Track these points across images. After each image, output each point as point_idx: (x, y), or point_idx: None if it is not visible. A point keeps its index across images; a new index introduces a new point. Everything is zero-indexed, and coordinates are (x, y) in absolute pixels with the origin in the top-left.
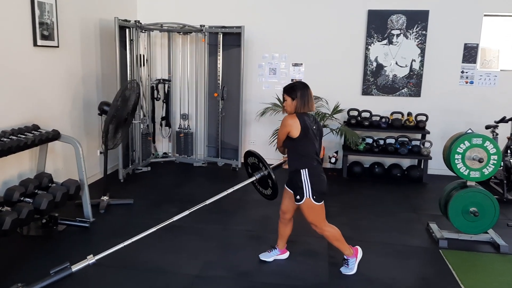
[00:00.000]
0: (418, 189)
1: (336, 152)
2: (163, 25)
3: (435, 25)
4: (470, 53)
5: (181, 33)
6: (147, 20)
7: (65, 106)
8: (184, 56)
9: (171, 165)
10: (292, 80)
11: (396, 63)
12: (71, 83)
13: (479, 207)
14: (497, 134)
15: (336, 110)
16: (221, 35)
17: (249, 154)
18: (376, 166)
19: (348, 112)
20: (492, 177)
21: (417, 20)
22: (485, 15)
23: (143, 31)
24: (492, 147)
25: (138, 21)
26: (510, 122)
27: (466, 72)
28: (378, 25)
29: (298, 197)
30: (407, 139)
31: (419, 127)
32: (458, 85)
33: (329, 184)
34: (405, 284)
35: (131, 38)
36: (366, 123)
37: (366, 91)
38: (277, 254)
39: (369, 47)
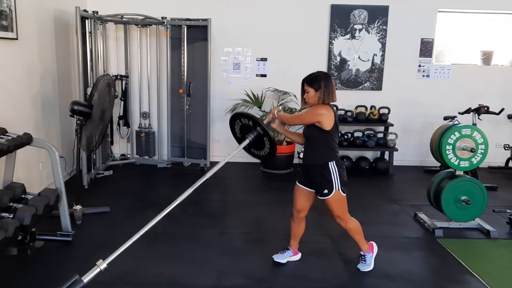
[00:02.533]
0: (388, 181)
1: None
2: (123, 16)
3: (395, 21)
4: (426, 48)
5: (140, 26)
6: (99, 11)
7: (24, 107)
8: (143, 50)
9: (133, 168)
10: (256, 75)
11: (359, 58)
12: (30, 81)
13: (470, 195)
14: None
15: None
16: (185, 28)
17: (236, 116)
18: (345, 160)
19: None
20: None
21: (378, 15)
22: (439, 11)
23: (101, 23)
24: (480, 137)
25: (96, 12)
26: (473, 113)
27: (423, 66)
28: (341, 19)
29: (326, 191)
30: (373, 132)
31: (382, 119)
32: (416, 79)
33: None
34: (423, 277)
35: (90, 30)
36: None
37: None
38: (290, 256)
39: (333, 41)
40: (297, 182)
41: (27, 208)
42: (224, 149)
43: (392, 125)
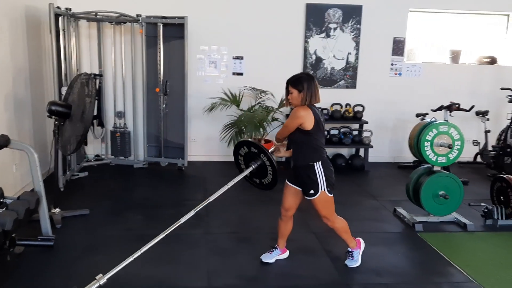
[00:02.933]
0: (364, 177)
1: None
2: (98, 14)
3: (368, 20)
4: (398, 47)
5: (114, 23)
6: (71, 8)
7: None
8: (117, 49)
9: (108, 169)
10: (233, 73)
11: (334, 56)
12: (1, 80)
13: (447, 190)
14: None
15: (283, 103)
16: (161, 26)
17: (242, 144)
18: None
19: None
20: None
21: (352, 14)
22: (410, 11)
23: (73, 20)
24: (456, 133)
25: (69, 9)
26: (445, 110)
27: (395, 64)
28: (316, 18)
29: (312, 191)
30: (348, 129)
31: (357, 117)
32: (389, 77)
33: (283, 179)
34: (408, 270)
35: (64, 28)
36: None
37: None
38: (278, 254)
39: (308, 40)
40: (286, 181)
41: (8, 213)
42: (202, 148)
43: (366, 122)
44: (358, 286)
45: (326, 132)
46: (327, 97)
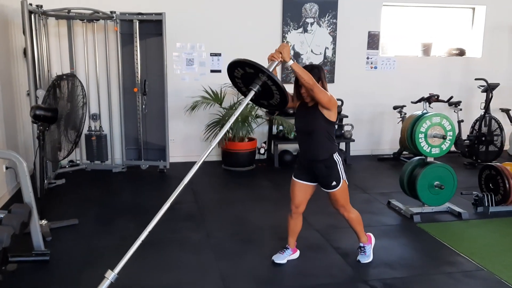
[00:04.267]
0: (349, 171)
1: (265, 143)
2: (71, 10)
3: (343, 14)
4: (373, 40)
5: (86, 21)
6: (39, 5)
7: None
8: (89, 48)
9: (85, 175)
10: (211, 71)
11: (312, 51)
12: None
13: (442, 180)
14: (405, 114)
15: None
16: (137, 23)
17: (234, 65)
18: None
19: None
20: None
21: (328, 9)
22: (384, 5)
23: (43, 18)
24: (448, 124)
25: (41, 6)
26: (425, 101)
27: (371, 58)
28: (293, 13)
29: (334, 183)
30: None
31: (337, 111)
32: (365, 70)
33: (269, 176)
34: (419, 262)
35: (36, 27)
36: (291, 111)
37: (285, 80)
38: (290, 255)
39: (286, 35)
40: (294, 178)
41: (5, 229)
42: (181, 149)
43: (346, 116)
44: (376, 282)
45: None
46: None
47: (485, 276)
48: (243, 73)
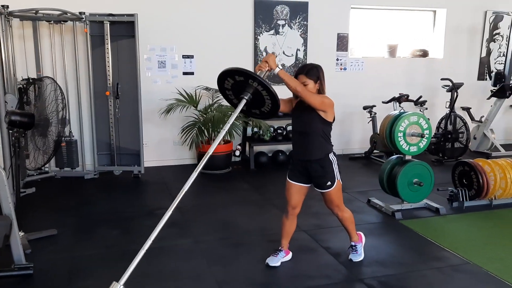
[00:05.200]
0: None
1: (240, 145)
2: (38, 11)
3: (314, 16)
4: (342, 42)
5: (53, 22)
6: (5, 5)
7: None
8: (57, 50)
9: (55, 182)
10: (183, 73)
11: (284, 53)
12: None
13: (420, 177)
14: (375, 113)
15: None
16: (108, 25)
17: (225, 75)
18: (280, 154)
19: None
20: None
21: (299, 11)
22: (352, 8)
23: (8, 19)
24: (424, 123)
25: (7, 7)
26: (395, 101)
27: (340, 60)
28: (265, 15)
29: (329, 183)
30: None
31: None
32: (335, 72)
33: (246, 178)
34: (408, 258)
35: (3, 28)
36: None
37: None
38: (283, 257)
39: (258, 37)
40: (288, 179)
41: None
42: (154, 153)
43: None
44: (371, 280)
45: (283, 129)
46: (279, 94)
47: (472, 269)
48: (233, 83)
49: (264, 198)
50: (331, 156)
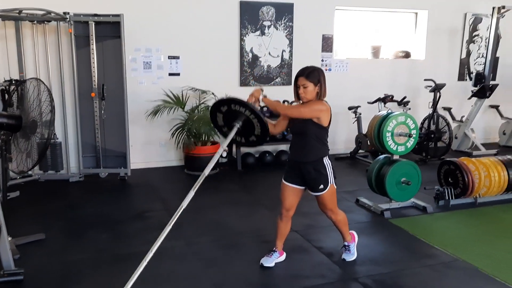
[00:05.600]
0: None
1: (227, 146)
2: (22, 11)
3: (299, 17)
4: (327, 43)
5: (36, 22)
6: None
7: None
8: (40, 51)
9: (40, 185)
10: (169, 74)
11: (269, 54)
12: None
13: (408, 176)
14: (360, 114)
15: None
16: (93, 25)
17: (217, 106)
18: (267, 155)
19: None
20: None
21: (284, 12)
22: (336, 9)
23: None
24: (412, 123)
25: None
26: (380, 102)
27: (325, 60)
28: (250, 16)
29: (322, 186)
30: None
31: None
32: None
33: (234, 179)
34: (400, 256)
35: None
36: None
37: (244, 82)
38: (277, 257)
39: (244, 38)
40: (284, 181)
41: None
42: (140, 155)
43: None
44: (366, 279)
45: None
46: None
47: (463, 266)
48: (223, 114)
49: (253, 199)
50: (326, 160)
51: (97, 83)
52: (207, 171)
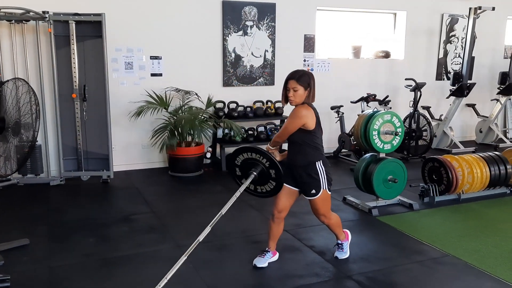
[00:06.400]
0: None
1: (211, 147)
2: (1, 10)
3: (281, 17)
4: (309, 43)
5: (13, 22)
6: None
7: None
8: (18, 51)
9: (19, 190)
10: (151, 74)
11: (252, 54)
12: None
13: (394, 174)
14: (342, 113)
15: (211, 103)
16: (74, 24)
17: (238, 152)
18: None
19: (214, 104)
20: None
21: (266, 12)
22: (318, 9)
23: None
24: (397, 121)
25: None
26: (363, 101)
27: (308, 61)
28: (233, 16)
29: (314, 191)
30: (273, 125)
31: (278, 113)
32: None
33: (219, 180)
34: (390, 253)
35: None
36: (235, 114)
37: (227, 82)
38: (270, 257)
39: (227, 38)
40: None
41: None
42: (122, 157)
43: (286, 117)
44: (359, 276)
45: (254, 130)
46: (249, 95)
47: (452, 261)
48: (244, 159)
49: (240, 200)
50: (319, 164)
51: (78, 84)
52: (224, 210)
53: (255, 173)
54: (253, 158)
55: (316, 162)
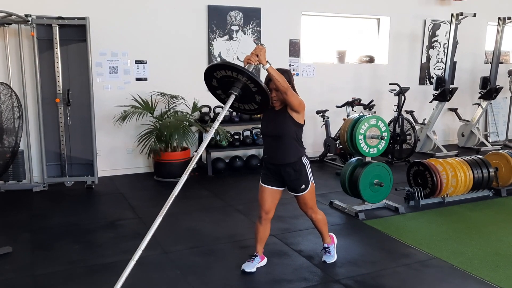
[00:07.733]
0: None
1: (196, 151)
2: None
3: (267, 22)
4: (294, 48)
5: None
6: None
7: None
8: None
9: (0, 196)
10: (137, 79)
11: (238, 58)
12: None
13: (380, 178)
14: (328, 118)
15: (197, 108)
16: (57, 28)
17: (210, 71)
18: (237, 160)
19: (200, 109)
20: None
21: (252, 17)
22: (303, 14)
23: None
24: (383, 125)
25: None
26: (348, 105)
27: (293, 65)
28: (218, 21)
29: (303, 186)
30: (259, 130)
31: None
32: None
33: (205, 185)
34: (377, 257)
35: None
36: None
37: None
38: (258, 262)
39: (212, 42)
40: (262, 183)
41: None
42: (107, 162)
43: None
44: (348, 280)
45: (239, 134)
46: None
47: (438, 264)
48: (220, 78)
49: (226, 204)
50: (304, 159)
51: (62, 88)
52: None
53: (235, 93)
54: (227, 76)
55: (302, 158)
